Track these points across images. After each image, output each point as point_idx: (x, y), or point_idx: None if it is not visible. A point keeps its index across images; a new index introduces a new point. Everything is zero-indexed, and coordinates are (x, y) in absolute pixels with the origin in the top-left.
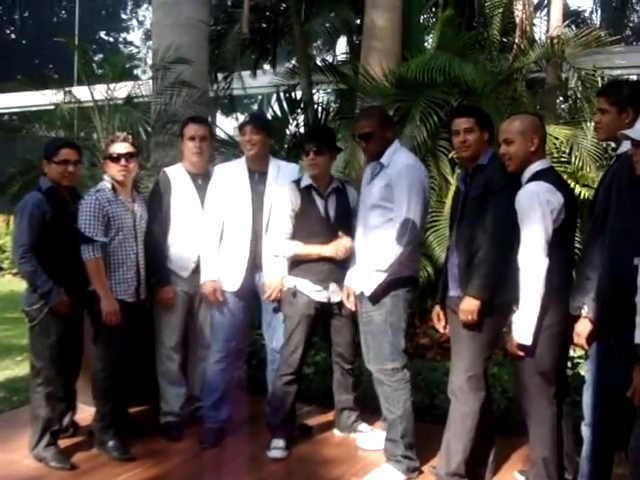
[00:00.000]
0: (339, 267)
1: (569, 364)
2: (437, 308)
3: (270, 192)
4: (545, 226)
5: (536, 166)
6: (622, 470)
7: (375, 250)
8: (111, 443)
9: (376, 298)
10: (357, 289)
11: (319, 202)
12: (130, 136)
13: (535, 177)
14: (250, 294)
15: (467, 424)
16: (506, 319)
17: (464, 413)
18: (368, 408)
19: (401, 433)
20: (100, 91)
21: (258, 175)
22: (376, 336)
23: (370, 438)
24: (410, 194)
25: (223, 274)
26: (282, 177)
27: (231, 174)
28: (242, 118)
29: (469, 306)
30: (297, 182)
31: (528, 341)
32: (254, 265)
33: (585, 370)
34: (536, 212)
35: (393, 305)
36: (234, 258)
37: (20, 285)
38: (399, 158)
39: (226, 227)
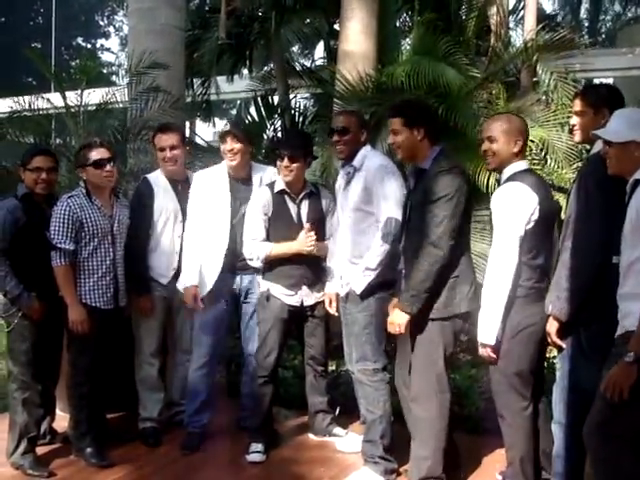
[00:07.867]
0: (311, 271)
1: (545, 364)
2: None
3: None
4: (517, 226)
5: (514, 167)
6: None
7: (365, 251)
8: (89, 450)
9: (364, 298)
10: (342, 290)
11: (291, 206)
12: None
13: (512, 178)
14: (231, 298)
15: (434, 429)
16: (459, 325)
17: (427, 418)
18: (347, 409)
19: (380, 433)
20: (75, 97)
21: (239, 182)
22: (359, 337)
23: (347, 441)
24: (388, 193)
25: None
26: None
27: (211, 181)
28: (220, 123)
29: (397, 319)
30: (271, 185)
31: (491, 341)
32: (233, 269)
33: (557, 368)
34: (508, 212)
35: (378, 307)
36: (209, 263)
37: None
38: (371, 161)
39: (205, 233)
